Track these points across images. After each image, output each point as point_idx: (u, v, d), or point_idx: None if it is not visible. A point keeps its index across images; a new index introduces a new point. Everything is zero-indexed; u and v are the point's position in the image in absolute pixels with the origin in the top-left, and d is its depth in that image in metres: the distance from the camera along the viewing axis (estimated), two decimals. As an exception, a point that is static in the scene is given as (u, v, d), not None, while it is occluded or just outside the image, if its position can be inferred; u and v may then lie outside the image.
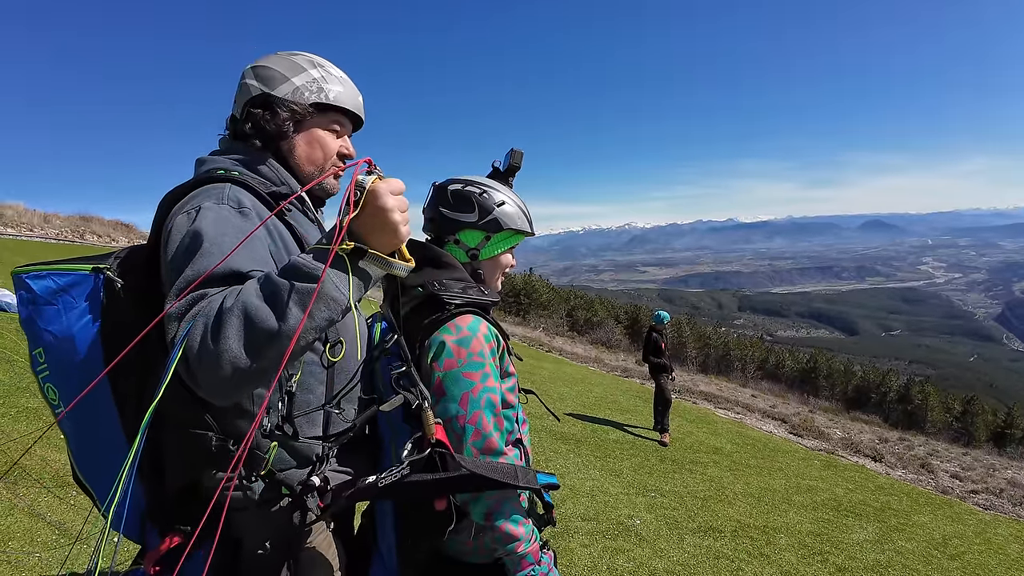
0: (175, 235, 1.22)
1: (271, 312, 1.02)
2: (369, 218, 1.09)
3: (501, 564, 1.50)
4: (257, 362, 1.02)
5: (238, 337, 1.01)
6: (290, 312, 1.02)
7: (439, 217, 1.67)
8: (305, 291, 1.03)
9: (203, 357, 1.01)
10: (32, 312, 1.33)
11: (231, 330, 1.01)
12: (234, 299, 1.04)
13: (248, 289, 1.05)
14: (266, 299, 1.03)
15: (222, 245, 1.17)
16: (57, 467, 3.92)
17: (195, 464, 1.31)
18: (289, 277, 1.05)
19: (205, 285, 1.11)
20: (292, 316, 1.02)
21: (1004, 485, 11.37)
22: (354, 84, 1.56)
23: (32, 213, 23.51)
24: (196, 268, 1.14)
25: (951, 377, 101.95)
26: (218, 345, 1.00)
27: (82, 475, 1.46)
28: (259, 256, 1.23)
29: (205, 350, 1.01)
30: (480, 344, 1.49)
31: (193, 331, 1.03)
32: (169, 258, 1.20)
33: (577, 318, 41.95)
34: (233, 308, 1.02)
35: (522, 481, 1.39)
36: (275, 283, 1.05)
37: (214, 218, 1.22)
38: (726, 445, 10.32)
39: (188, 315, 1.07)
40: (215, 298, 1.07)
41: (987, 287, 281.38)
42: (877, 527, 7.00)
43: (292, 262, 1.08)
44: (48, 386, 1.37)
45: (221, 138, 1.52)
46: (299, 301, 1.03)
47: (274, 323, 1.01)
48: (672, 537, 5.41)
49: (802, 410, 19.52)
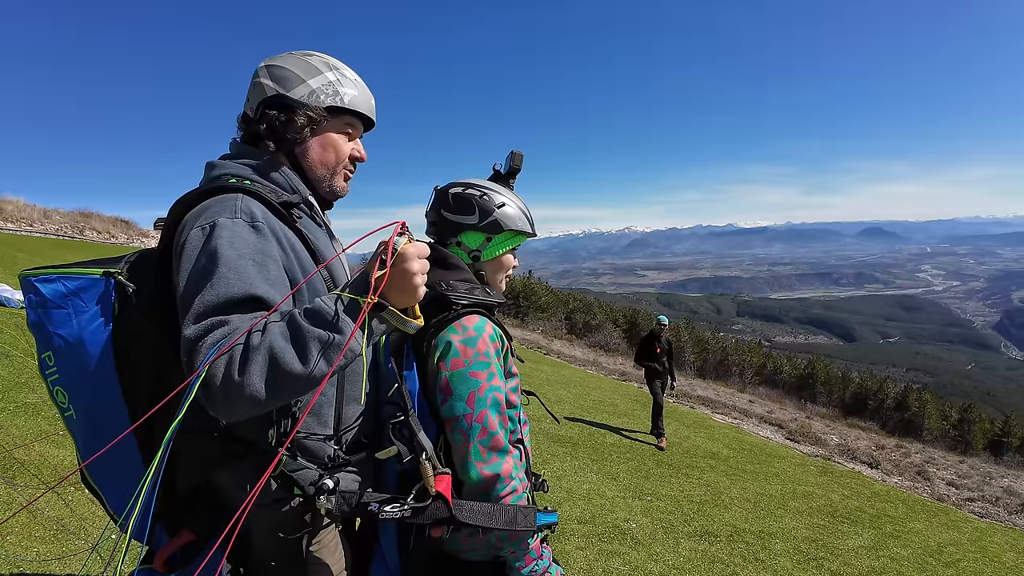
0: (189, 251, 1.22)
1: (296, 357, 1.09)
2: (395, 278, 1.17)
3: (501, 561, 1.52)
4: (275, 398, 1.10)
5: (261, 375, 1.07)
6: (312, 358, 1.09)
7: (441, 220, 1.68)
8: (328, 341, 1.10)
9: (226, 388, 1.07)
10: (41, 315, 1.33)
11: (255, 367, 1.07)
12: (261, 338, 1.10)
13: (274, 330, 1.11)
14: (292, 342, 1.10)
15: (239, 269, 1.19)
16: (55, 463, 3.92)
17: (206, 466, 1.33)
18: (315, 323, 1.12)
19: (224, 309, 1.15)
20: (314, 362, 1.09)
21: (1000, 493, 11.39)
22: (367, 86, 1.56)
23: (32, 208, 23.46)
24: (216, 292, 1.16)
25: (948, 385, 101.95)
26: (242, 379, 1.07)
27: (91, 477, 1.46)
28: (273, 277, 1.25)
29: (229, 382, 1.07)
30: (486, 344, 1.51)
31: (216, 360, 1.07)
32: (184, 276, 1.21)
33: (576, 321, 41.94)
34: (260, 347, 1.09)
35: (521, 524, 1.41)
36: (301, 328, 1.11)
37: (229, 238, 1.22)
38: (723, 450, 10.34)
39: (208, 341, 1.11)
40: (238, 328, 1.12)
41: (985, 295, 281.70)
42: (872, 534, 7.01)
43: (318, 307, 1.14)
44: (57, 389, 1.37)
45: (233, 140, 1.51)
46: (322, 349, 1.10)
47: (299, 367, 1.08)
48: (668, 541, 5.42)
49: (799, 416, 19.55)
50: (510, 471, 1.47)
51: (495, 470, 1.45)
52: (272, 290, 1.22)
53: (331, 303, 1.14)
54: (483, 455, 1.45)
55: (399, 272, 1.17)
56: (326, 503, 1.31)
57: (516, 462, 1.51)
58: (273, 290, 1.22)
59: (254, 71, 1.49)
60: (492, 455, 1.46)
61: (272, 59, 1.48)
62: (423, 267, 1.20)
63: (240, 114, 1.50)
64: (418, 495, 1.37)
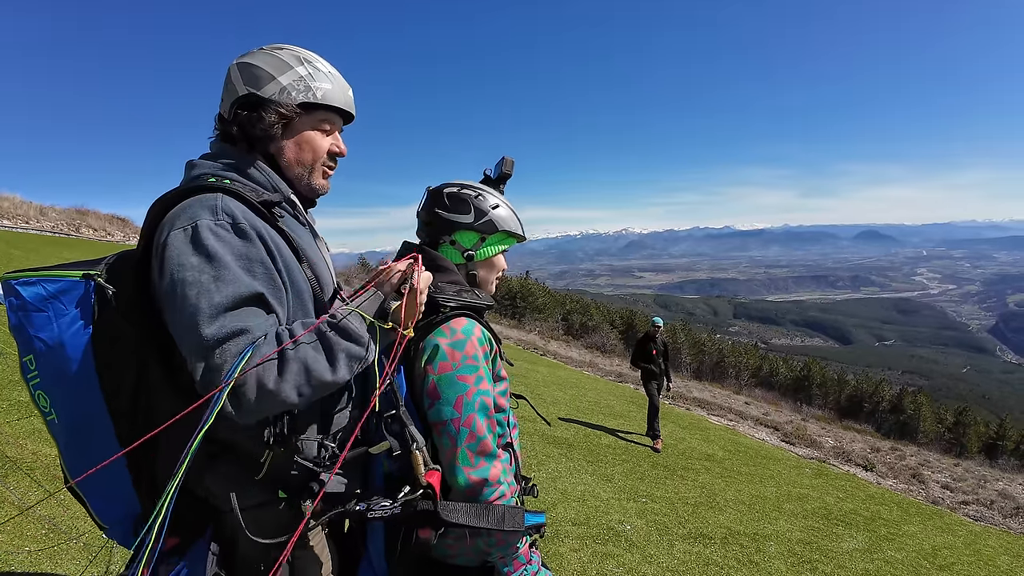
0: (173, 252, 1.21)
1: (328, 367, 1.22)
2: (408, 307, 1.36)
3: (489, 567, 1.51)
4: (302, 402, 1.21)
5: (294, 383, 1.17)
6: (341, 368, 1.23)
7: (435, 219, 1.68)
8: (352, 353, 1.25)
9: (259, 395, 1.15)
10: (22, 319, 1.32)
11: (290, 376, 1.17)
12: (294, 350, 1.19)
13: (306, 341, 1.21)
14: (325, 353, 1.22)
15: (235, 268, 1.22)
16: (48, 462, 3.91)
17: (193, 467, 1.32)
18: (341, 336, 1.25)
19: (237, 310, 1.19)
20: (341, 371, 1.24)
21: (995, 496, 11.43)
22: (343, 78, 1.51)
23: (28, 205, 23.34)
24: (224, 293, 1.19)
25: (944, 388, 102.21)
26: (278, 386, 1.16)
27: (74, 483, 1.46)
28: (260, 277, 1.27)
29: (262, 389, 1.15)
30: (474, 347, 1.50)
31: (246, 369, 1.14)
32: (173, 278, 1.20)
33: (573, 322, 41.95)
34: (295, 358, 1.18)
35: (508, 525, 1.41)
36: (332, 341, 1.23)
37: (216, 238, 1.22)
38: (718, 452, 10.35)
39: (231, 349, 1.15)
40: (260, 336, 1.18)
41: (981, 299, 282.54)
42: (867, 536, 7.02)
43: (344, 326, 1.26)
44: (39, 393, 1.35)
45: (211, 140, 1.48)
46: (347, 361, 1.24)
47: (329, 376, 1.22)
48: (662, 543, 5.42)
49: (795, 418, 19.58)
50: (498, 475, 1.46)
51: (483, 474, 1.44)
52: (272, 290, 1.27)
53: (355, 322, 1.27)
54: (471, 459, 1.44)
55: (410, 301, 1.35)
56: (311, 505, 1.31)
57: (504, 466, 1.51)
58: (273, 290, 1.28)
59: (227, 70, 1.45)
60: (480, 459, 1.45)
61: (243, 56, 1.44)
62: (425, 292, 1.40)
63: (217, 114, 1.48)
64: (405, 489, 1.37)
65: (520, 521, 1.43)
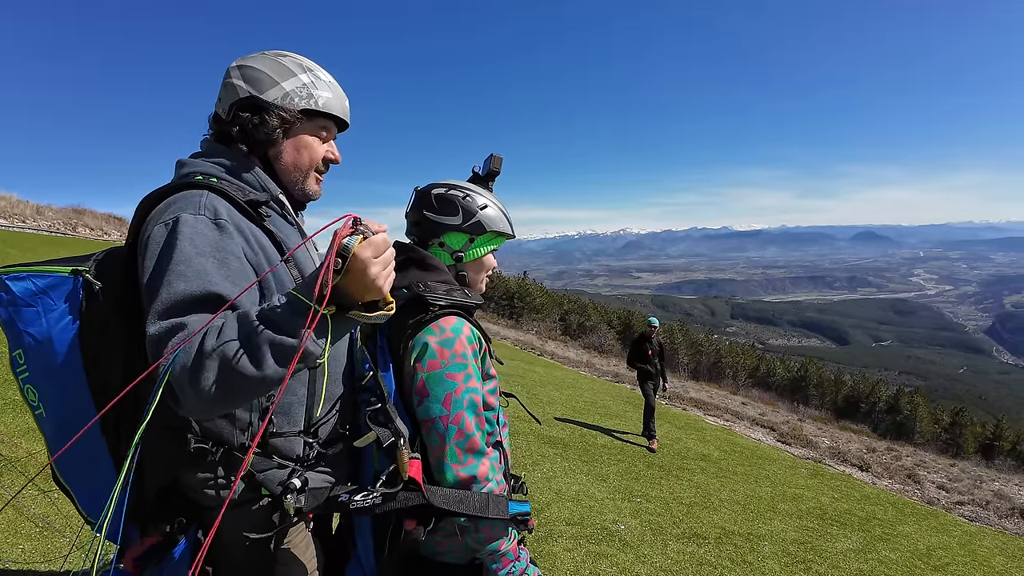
0: (152, 247, 1.22)
1: (249, 362, 1.05)
2: (354, 282, 1.10)
3: (477, 564, 1.52)
4: (233, 400, 1.10)
5: (213, 380, 1.05)
6: (267, 364, 1.06)
7: (424, 221, 1.68)
8: (282, 345, 1.06)
9: (185, 393, 1.07)
10: (12, 314, 1.34)
11: (209, 373, 1.05)
12: (214, 342, 1.07)
13: (228, 334, 1.08)
14: (245, 345, 1.07)
15: (198, 266, 1.17)
16: (42, 460, 3.90)
17: (174, 465, 1.33)
18: (268, 326, 1.07)
19: (183, 308, 1.13)
20: (269, 367, 1.06)
21: (991, 497, 11.46)
22: (341, 88, 1.55)
23: (25, 204, 23.33)
24: (172, 291, 1.14)
25: (940, 388, 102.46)
26: (197, 385, 1.05)
27: (62, 476, 1.47)
28: (235, 271, 1.24)
29: (186, 387, 1.06)
30: (463, 345, 1.51)
31: (175, 366, 1.07)
32: (147, 273, 1.20)
33: (570, 322, 41.97)
34: (213, 353, 1.06)
35: (492, 512, 1.41)
36: (254, 330, 1.07)
37: (190, 234, 1.21)
38: (714, 452, 10.36)
39: (169, 345, 1.09)
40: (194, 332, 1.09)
41: (978, 300, 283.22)
42: (861, 536, 7.04)
43: (270, 308, 1.10)
44: (28, 387, 1.37)
45: (204, 139, 1.49)
46: (277, 355, 1.06)
47: (252, 371, 1.05)
48: (656, 543, 5.43)
49: (791, 418, 19.63)
50: (486, 473, 1.47)
51: (471, 472, 1.45)
52: (234, 288, 1.19)
53: (287, 309, 1.09)
54: (459, 457, 1.45)
55: (357, 275, 1.09)
56: (294, 502, 1.31)
57: (493, 464, 1.51)
58: (235, 288, 1.19)
59: (225, 70, 1.46)
60: (468, 457, 1.46)
61: (244, 59, 1.46)
62: (384, 261, 1.12)
63: (211, 113, 1.49)
64: (387, 481, 1.37)
65: (504, 509, 1.43)
